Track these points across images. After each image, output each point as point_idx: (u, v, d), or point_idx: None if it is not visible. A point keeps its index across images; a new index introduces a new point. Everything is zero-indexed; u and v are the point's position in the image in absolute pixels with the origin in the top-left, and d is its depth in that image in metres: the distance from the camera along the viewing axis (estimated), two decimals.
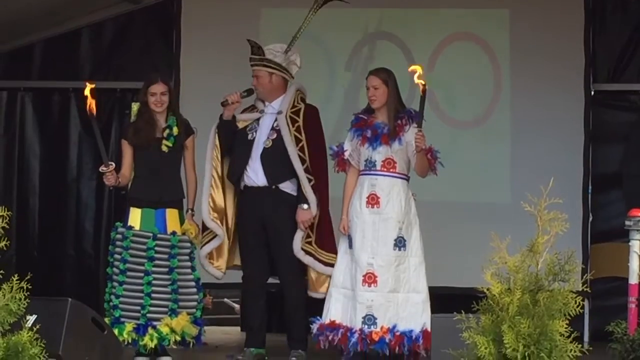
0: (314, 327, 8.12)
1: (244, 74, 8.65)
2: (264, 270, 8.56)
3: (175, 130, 8.33)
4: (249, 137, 8.46)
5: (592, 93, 10.26)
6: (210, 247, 8.42)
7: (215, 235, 8.41)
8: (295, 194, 8.43)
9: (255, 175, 8.40)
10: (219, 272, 8.48)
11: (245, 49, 8.60)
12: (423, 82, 7.69)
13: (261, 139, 8.44)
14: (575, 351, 6.25)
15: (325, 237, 8.40)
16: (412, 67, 7.77)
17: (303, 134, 8.41)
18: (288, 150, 8.34)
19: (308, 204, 8.26)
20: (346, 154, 8.17)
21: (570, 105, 10.18)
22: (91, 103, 7.98)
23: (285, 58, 8.57)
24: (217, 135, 8.45)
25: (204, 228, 8.45)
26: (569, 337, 6.24)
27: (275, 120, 8.45)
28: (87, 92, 7.98)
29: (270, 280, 8.63)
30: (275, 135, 8.41)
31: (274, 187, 8.43)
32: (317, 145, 8.47)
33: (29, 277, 6.71)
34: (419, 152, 7.89)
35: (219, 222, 8.41)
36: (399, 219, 8.01)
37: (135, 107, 8.47)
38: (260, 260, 8.51)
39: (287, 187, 8.45)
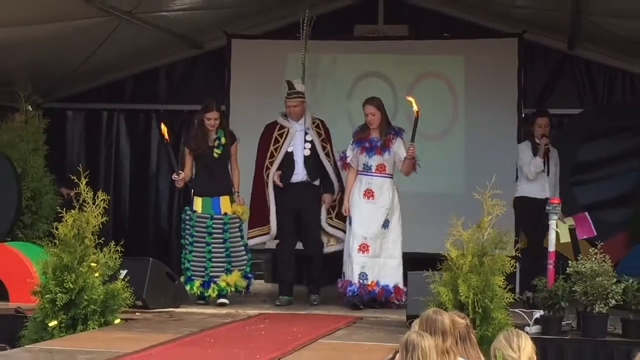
0: (339, 283, 8.22)
1: (274, 98, 8.64)
2: (294, 241, 8.61)
3: (223, 140, 8.32)
4: (289, 149, 8.44)
5: (523, 115, 10.20)
6: (256, 242, 8.54)
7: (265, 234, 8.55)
8: (319, 184, 8.51)
9: (298, 175, 8.43)
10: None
11: (275, 82, 8.62)
12: (417, 109, 7.83)
13: (299, 150, 8.43)
14: (509, 299, 6.31)
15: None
16: (409, 98, 8.04)
17: (327, 143, 8.52)
18: (320, 156, 8.45)
19: (333, 192, 8.46)
20: (348, 159, 8.22)
21: (507, 124, 10.14)
22: (166, 135, 8.34)
23: (303, 88, 8.58)
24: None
25: (255, 224, 8.49)
26: (505, 288, 6.29)
27: (306, 134, 8.45)
28: (164, 130, 8.32)
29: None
30: (310, 146, 8.44)
31: (310, 183, 8.46)
32: (332, 148, 8.56)
33: (121, 243, 6.83)
34: (410, 159, 8.01)
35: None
36: (387, 207, 8.13)
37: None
38: (293, 235, 8.55)
39: (317, 182, 8.52)
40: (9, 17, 8.13)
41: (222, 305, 8.13)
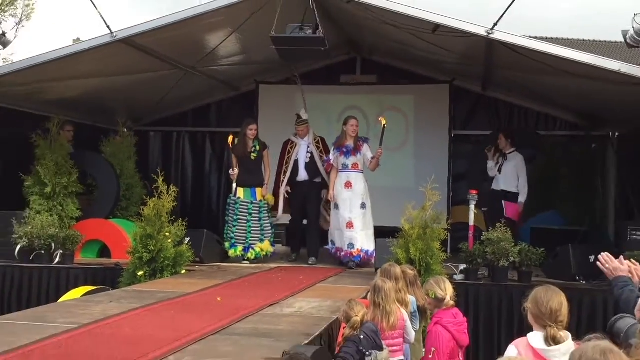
0: (331, 248, 8.07)
1: (289, 125, 8.63)
2: (302, 219, 8.53)
3: (257, 147, 8.24)
4: (294, 158, 8.39)
5: (453, 135, 10.24)
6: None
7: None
8: (320, 181, 8.39)
9: (301, 176, 8.35)
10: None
11: (291, 115, 8.60)
12: (384, 122, 7.77)
13: (302, 159, 8.34)
14: (443, 257, 6.37)
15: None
16: (381, 118, 7.91)
17: (324, 154, 8.36)
18: (318, 165, 8.33)
19: (328, 188, 8.26)
20: (331, 161, 8.06)
21: (441, 142, 10.15)
22: (231, 141, 8.19)
23: (307, 116, 8.56)
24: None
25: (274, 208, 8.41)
26: (441, 250, 6.35)
27: (308, 147, 8.39)
28: (230, 139, 8.21)
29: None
30: (309, 156, 8.34)
31: (310, 180, 8.38)
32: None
33: (186, 220, 6.88)
34: (377, 158, 7.84)
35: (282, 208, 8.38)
36: (362, 194, 7.96)
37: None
38: (301, 213, 8.47)
39: (317, 179, 8.40)
40: (114, 71, 8.26)
41: (249, 260, 8.06)
